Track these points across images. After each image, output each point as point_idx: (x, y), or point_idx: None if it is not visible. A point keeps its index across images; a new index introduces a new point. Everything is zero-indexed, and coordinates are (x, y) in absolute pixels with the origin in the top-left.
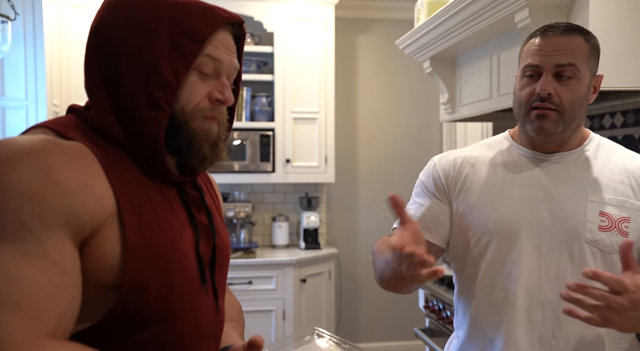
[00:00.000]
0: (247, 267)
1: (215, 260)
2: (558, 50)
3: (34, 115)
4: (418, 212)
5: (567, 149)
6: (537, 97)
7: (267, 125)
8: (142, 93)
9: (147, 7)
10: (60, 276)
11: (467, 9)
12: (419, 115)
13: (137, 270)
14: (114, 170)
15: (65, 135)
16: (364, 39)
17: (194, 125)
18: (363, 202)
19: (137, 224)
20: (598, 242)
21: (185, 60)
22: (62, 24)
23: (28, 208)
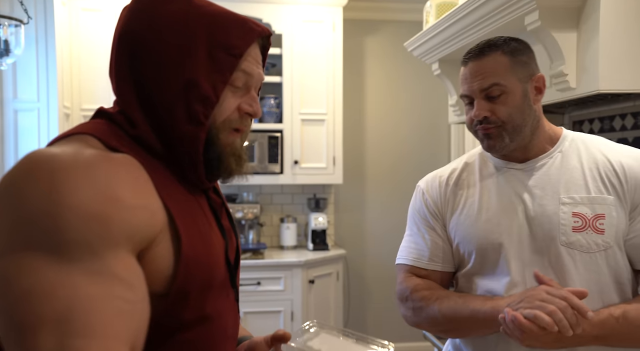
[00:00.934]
0: (255, 268)
1: (238, 262)
2: (478, 75)
3: (45, 118)
4: (425, 247)
5: (537, 154)
6: (476, 121)
7: (275, 126)
8: (181, 106)
9: (183, 16)
10: (130, 291)
11: (476, 12)
12: (427, 117)
13: (185, 280)
14: (160, 181)
15: (109, 144)
16: (372, 41)
17: (222, 138)
18: (371, 203)
19: (188, 237)
20: (574, 244)
21: (223, 75)
22: (73, 27)
23: (92, 229)
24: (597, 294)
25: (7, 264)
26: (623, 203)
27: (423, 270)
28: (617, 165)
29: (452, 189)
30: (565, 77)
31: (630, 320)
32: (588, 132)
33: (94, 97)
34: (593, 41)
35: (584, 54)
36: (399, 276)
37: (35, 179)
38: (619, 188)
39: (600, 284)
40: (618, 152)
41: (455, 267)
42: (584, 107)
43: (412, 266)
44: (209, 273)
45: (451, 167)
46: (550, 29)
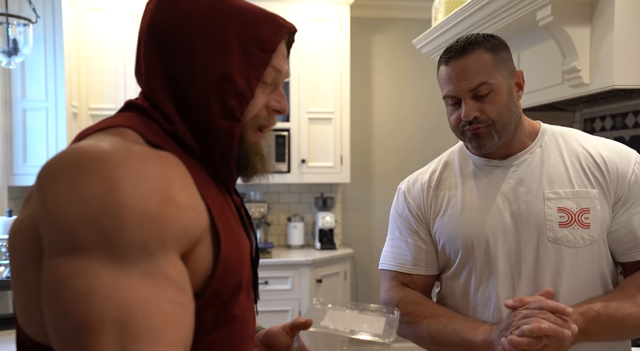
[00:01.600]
0: (263, 267)
1: (257, 263)
2: (464, 75)
3: (53, 117)
4: (409, 252)
5: (518, 150)
6: (464, 122)
7: (282, 125)
8: (216, 102)
9: (213, 11)
10: (180, 293)
11: (486, 8)
12: (435, 115)
13: (220, 280)
14: (199, 180)
15: (149, 140)
16: (379, 39)
17: (249, 135)
18: (378, 202)
19: (225, 237)
20: (561, 239)
21: (257, 71)
22: (81, 26)
23: (149, 230)
24: (583, 288)
25: (62, 265)
26: (607, 196)
27: (407, 275)
28: (598, 157)
29: (434, 191)
30: (579, 72)
31: (612, 312)
32: (600, 130)
33: (101, 96)
34: (607, 36)
35: (597, 49)
36: (384, 284)
37: (89, 176)
38: (602, 181)
39: (586, 278)
40: (597, 145)
41: (439, 269)
42: (595, 104)
43: (396, 272)
44: (240, 274)
45: (431, 168)
46: (563, 24)
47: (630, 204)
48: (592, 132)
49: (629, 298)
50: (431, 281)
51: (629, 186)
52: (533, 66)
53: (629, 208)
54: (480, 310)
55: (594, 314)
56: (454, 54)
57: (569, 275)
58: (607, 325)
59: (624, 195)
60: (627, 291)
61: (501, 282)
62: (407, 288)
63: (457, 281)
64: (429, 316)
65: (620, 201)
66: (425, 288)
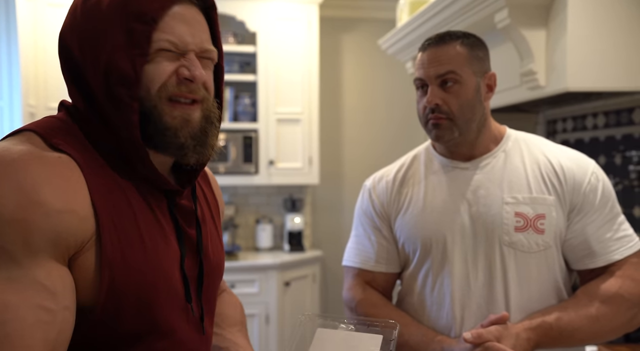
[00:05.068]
0: (229, 271)
1: (203, 277)
2: (436, 61)
3: (9, 116)
4: (371, 249)
5: (482, 153)
6: (428, 109)
7: (250, 126)
8: (107, 93)
9: (98, 2)
10: (50, 299)
11: (448, 9)
12: (405, 115)
13: (112, 291)
14: (99, 183)
15: (51, 141)
16: (348, 39)
17: (163, 107)
18: (348, 204)
19: (117, 244)
20: (515, 243)
21: (140, 48)
22: (38, 23)
23: (10, 234)
24: (536, 292)
25: None
26: (562, 203)
27: (369, 273)
28: (557, 166)
29: (398, 189)
30: (535, 75)
31: (564, 325)
32: (561, 131)
33: (60, 94)
34: (561, 39)
35: (552, 52)
36: (347, 281)
37: None
38: (559, 188)
39: (539, 283)
40: (558, 153)
41: (400, 267)
42: (556, 106)
43: (359, 269)
44: (150, 283)
45: (397, 166)
46: (520, 26)
47: (584, 213)
48: (554, 133)
49: (582, 309)
50: (393, 279)
51: (584, 195)
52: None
53: (583, 217)
54: (436, 309)
55: (546, 327)
56: (432, 42)
57: (521, 279)
58: (558, 338)
59: (579, 204)
60: (580, 301)
61: (456, 283)
62: (369, 289)
63: (415, 280)
64: None
65: (575, 209)
66: (387, 287)
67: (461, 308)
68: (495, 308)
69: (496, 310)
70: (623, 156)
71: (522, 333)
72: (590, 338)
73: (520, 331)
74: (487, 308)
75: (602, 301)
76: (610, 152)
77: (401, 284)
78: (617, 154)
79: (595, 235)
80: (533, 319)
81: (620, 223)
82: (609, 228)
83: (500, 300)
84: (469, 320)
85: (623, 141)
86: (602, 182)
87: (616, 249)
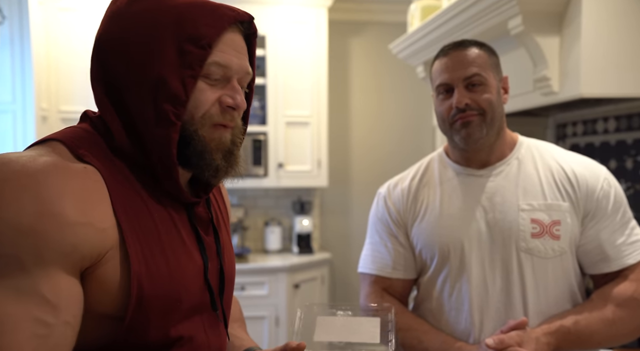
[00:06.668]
0: (239, 273)
1: (223, 285)
2: (461, 64)
3: (21, 119)
4: (388, 256)
5: (497, 160)
6: (455, 110)
7: (259, 129)
8: (151, 107)
9: (149, 13)
10: (52, 314)
11: (460, 15)
12: (413, 119)
13: (141, 301)
14: (122, 194)
15: (77, 152)
16: (357, 42)
17: (204, 133)
18: (356, 206)
19: (141, 255)
20: (532, 250)
21: (192, 70)
22: (50, 27)
23: (24, 244)
24: (553, 297)
25: None
26: (576, 210)
27: (387, 280)
28: (570, 172)
29: (414, 196)
30: (548, 81)
31: (581, 329)
32: (571, 135)
33: (72, 98)
34: (575, 46)
35: (566, 58)
36: (364, 288)
37: None
38: (572, 195)
39: (555, 288)
40: (570, 160)
41: (417, 273)
42: (567, 110)
43: (376, 275)
44: (174, 295)
45: (411, 173)
46: (533, 33)
47: (598, 219)
48: (564, 137)
49: (597, 312)
50: (409, 286)
51: (597, 201)
52: (506, 73)
53: (597, 223)
54: (454, 314)
55: (565, 331)
56: (453, 47)
57: (538, 284)
58: (576, 342)
59: (592, 210)
60: (596, 305)
61: (474, 288)
62: (386, 296)
63: (433, 286)
64: (403, 328)
65: (589, 215)
66: (404, 293)
67: (480, 314)
68: (514, 312)
69: (514, 315)
70: (634, 160)
71: (541, 338)
72: (607, 341)
73: (539, 335)
74: (506, 313)
75: (617, 304)
76: (621, 157)
77: (417, 290)
78: (629, 159)
79: (609, 240)
80: (552, 323)
81: (633, 228)
82: (621, 233)
83: (518, 305)
84: (488, 325)
85: (634, 145)
86: (614, 188)
87: (629, 253)
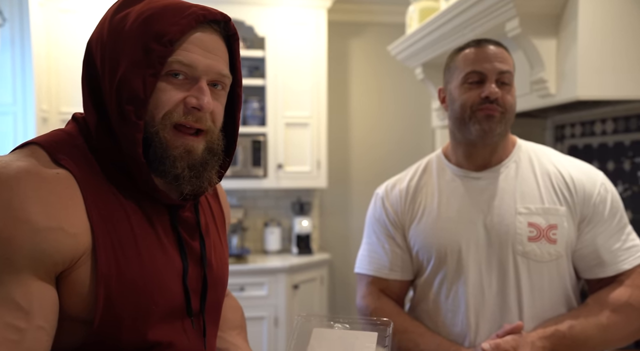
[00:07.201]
0: (239, 273)
1: (206, 290)
2: (497, 58)
3: (22, 121)
4: (385, 257)
5: (496, 161)
6: (484, 100)
7: (259, 130)
8: (116, 108)
9: (127, 16)
10: (24, 319)
11: (459, 17)
12: (413, 119)
13: (109, 305)
14: (97, 198)
15: (55, 156)
16: (356, 43)
17: (165, 135)
18: (356, 207)
19: (113, 259)
20: (529, 253)
21: (153, 68)
22: (50, 28)
23: None
24: (548, 301)
25: None
26: (573, 214)
27: (384, 280)
28: (568, 177)
29: (412, 198)
30: (545, 83)
31: (577, 334)
32: (570, 136)
33: (72, 99)
34: (572, 48)
35: (563, 60)
36: (361, 289)
37: None
38: (569, 199)
39: (550, 291)
40: (568, 165)
41: (414, 275)
42: (565, 112)
43: (373, 276)
44: (147, 298)
45: (409, 174)
46: (531, 35)
47: (594, 224)
48: (562, 138)
49: (593, 318)
50: (406, 287)
51: (594, 206)
52: None
53: (594, 228)
54: (451, 316)
55: (560, 336)
56: (485, 41)
57: (534, 288)
58: (571, 346)
59: (589, 215)
60: (592, 310)
61: (471, 291)
62: (383, 297)
63: (429, 288)
64: (399, 331)
65: (586, 220)
66: (400, 294)
67: (475, 316)
68: (509, 315)
69: (510, 318)
70: (632, 162)
71: (537, 342)
72: (602, 345)
73: (535, 339)
74: (501, 316)
75: (612, 310)
76: (619, 158)
77: (414, 291)
78: (626, 160)
79: (605, 245)
80: (547, 328)
81: (629, 233)
82: (618, 239)
83: (513, 308)
84: (483, 327)
85: (632, 147)
86: (610, 193)
87: (625, 259)
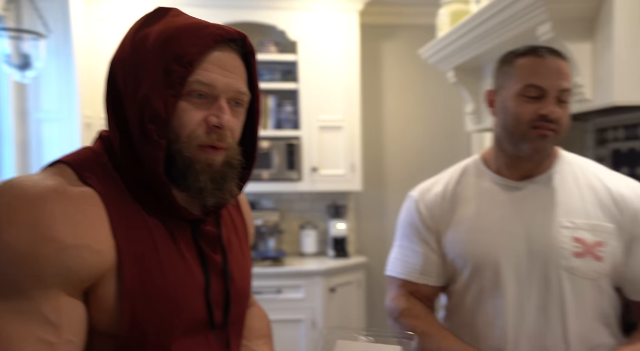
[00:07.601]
0: (275, 276)
1: (229, 303)
2: (559, 74)
3: (67, 127)
4: (418, 261)
5: (538, 173)
6: (541, 118)
7: (293, 133)
8: (138, 128)
9: (147, 36)
10: (54, 334)
11: (490, 21)
12: (447, 122)
13: (134, 320)
14: (122, 215)
15: (82, 174)
16: (389, 46)
17: (189, 154)
18: (392, 210)
19: (137, 275)
20: (574, 269)
21: (174, 89)
22: (92, 38)
23: (23, 268)
24: (591, 320)
25: None
26: (622, 233)
27: (414, 285)
28: (617, 194)
29: (449, 203)
30: (581, 88)
31: None
32: (613, 140)
33: None
34: (607, 52)
35: (599, 65)
36: (391, 292)
37: None
38: (618, 217)
39: (592, 310)
40: (616, 181)
41: (446, 281)
42: (607, 115)
43: (404, 280)
44: (171, 313)
45: (446, 179)
46: (564, 39)
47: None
48: (605, 142)
49: None
50: (437, 292)
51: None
52: None
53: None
54: (487, 329)
55: None
56: (548, 51)
57: (579, 305)
58: None
59: (639, 235)
60: None
61: (509, 305)
62: (413, 300)
63: (465, 297)
64: (425, 333)
65: (636, 241)
66: (430, 299)
67: (515, 331)
68: (552, 332)
69: (553, 335)
70: None
71: None
72: None
73: None
74: (543, 333)
75: None
76: None
77: (449, 298)
78: None
79: None
80: None
81: None
82: None
83: (556, 325)
84: (524, 343)
85: None
86: None
87: None
